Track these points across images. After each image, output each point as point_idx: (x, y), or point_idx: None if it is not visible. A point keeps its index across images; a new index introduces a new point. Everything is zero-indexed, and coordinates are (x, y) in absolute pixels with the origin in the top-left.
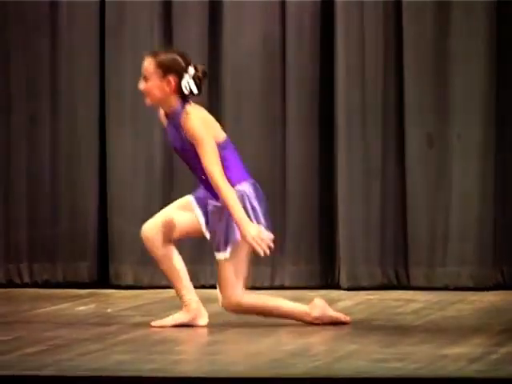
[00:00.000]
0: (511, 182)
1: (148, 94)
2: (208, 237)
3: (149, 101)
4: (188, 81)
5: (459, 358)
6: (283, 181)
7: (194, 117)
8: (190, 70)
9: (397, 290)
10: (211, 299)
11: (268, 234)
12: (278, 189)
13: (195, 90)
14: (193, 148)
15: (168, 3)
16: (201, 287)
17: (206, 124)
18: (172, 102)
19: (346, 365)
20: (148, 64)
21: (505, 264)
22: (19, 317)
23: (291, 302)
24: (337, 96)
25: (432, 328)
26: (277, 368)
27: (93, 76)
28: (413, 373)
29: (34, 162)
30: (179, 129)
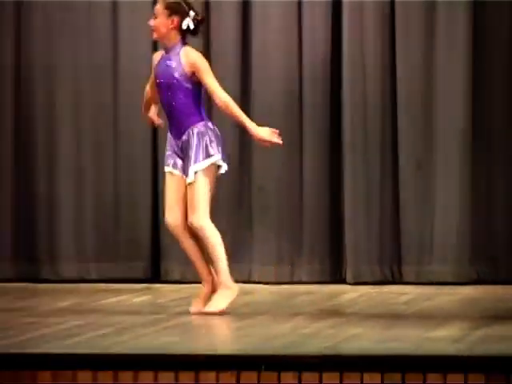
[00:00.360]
0: (483, 197)
1: (155, 29)
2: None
3: (155, 35)
4: (188, 21)
5: (442, 339)
6: (300, 196)
7: (196, 51)
8: (191, 14)
9: (392, 285)
10: (247, 292)
11: (272, 129)
12: (296, 202)
13: (191, 26)
14: (184, 79)
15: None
16: (236, 282)
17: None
18: (173, 38)
19: (352, 345)
20: (159, 5)
21: (479, 264)
22: (89, 306)
23: (224, 265)
24: (343, 129)
25: (420, 315)
26: (293, 347)
27: None
28: (405, 351)
29: (101, 182)
30: (176, 62)
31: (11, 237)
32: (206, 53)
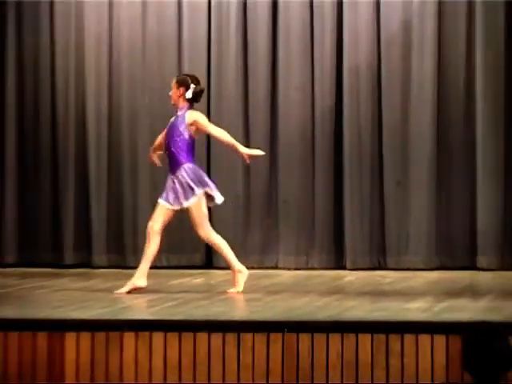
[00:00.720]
0: (444, 205)
1: (171, 98)
2: (175, 207)
3: (172, 102)
4: (191, 92)
5: (415, 310)
6: (313, 206)
7: (197, 112)
8: (192, 86)
9: (379, 270)
10: (274, 275)
11: (256, 150)
12: (310, 210)
13: (190, 96)
14: (186, 133)
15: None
16: (265, 268)
17: None
18: (181, 104)
19: (350, 313)
20: (172, 81)
21: (442, 255)
22: (160, 286)
23: (230, 253)
24: (344, 157)
25: (399, 292)
26: (308, 316)
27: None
28: (388, 318)
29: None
30: (181, 121)
31: (106, 234)
32: (244, 104)
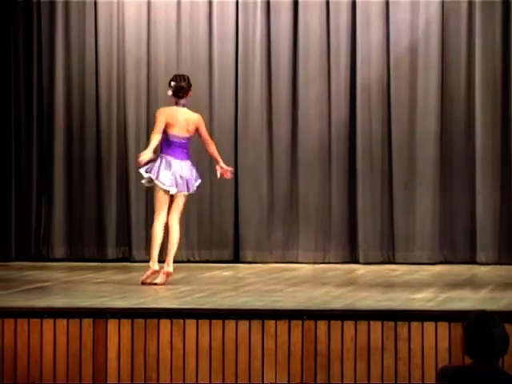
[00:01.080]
0: (448, 205)
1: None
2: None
3: None
4: (171, 90)
5: (421, 299)
6: (329, 206)
7: (162, 108)
8: (172, 84)
9: (388, 264)
10: (295, 269)
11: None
12: (327, 210)
13: (169, 93)
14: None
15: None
16: (287, 263)
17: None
18: (172, 100)
19: (362, 303)
20: None
21: (445, 250)
22: (192, 278)
23: (155, 249)
24: (357, 163)
25: (406, 284)
26: (325, 304)
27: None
28: (397, 307)
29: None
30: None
31: (146, 231)
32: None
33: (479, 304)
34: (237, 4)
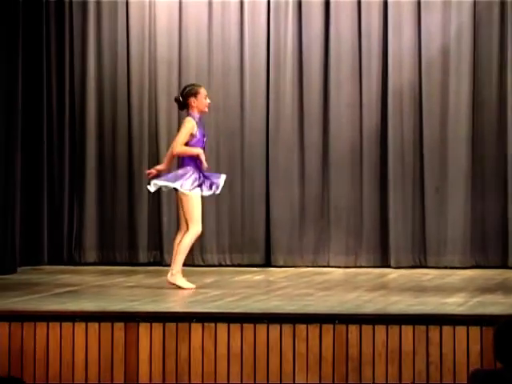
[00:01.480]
0: (479, 209)
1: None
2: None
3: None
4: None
5: (452, 304)
6: (361, 211)
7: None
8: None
9: (420, 269)
10: (327, 273)
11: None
12: (358, 215)
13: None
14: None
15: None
16: (318, 267)
17: None
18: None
19: (394, 307)
20: None
21: (476, 255)
22: (224, 282)
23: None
24: (389, 167)
25: (438, 288)
26: (356, 309)
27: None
28: (428, 311)
29: (232, 196)
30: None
31: (176, 235)
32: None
33: (511, 308)
34: (268, 8)
